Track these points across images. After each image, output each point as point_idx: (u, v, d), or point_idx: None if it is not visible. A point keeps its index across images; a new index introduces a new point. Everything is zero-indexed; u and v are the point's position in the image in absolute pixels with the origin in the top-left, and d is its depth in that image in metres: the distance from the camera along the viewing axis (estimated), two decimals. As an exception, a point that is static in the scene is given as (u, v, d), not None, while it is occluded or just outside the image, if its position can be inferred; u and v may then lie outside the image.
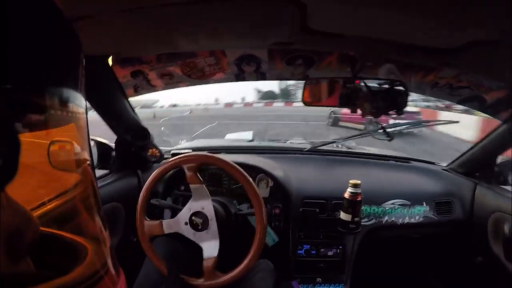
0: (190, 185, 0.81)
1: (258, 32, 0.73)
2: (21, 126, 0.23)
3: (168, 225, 0.82)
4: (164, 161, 0.86)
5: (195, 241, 0.80)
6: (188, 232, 0.81)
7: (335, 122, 8.73)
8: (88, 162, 0.31)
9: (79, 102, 0.29)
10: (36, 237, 0.26)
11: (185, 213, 0.81)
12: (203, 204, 0.81)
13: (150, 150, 1.20)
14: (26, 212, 0.25)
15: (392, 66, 0.99)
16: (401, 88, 0.92)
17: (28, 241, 0.25)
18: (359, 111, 0.92)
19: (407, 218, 1.13)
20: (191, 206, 0.81)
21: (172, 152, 1.27)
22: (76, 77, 0.29)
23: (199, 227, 0.80)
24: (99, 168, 1.11)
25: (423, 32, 0.64)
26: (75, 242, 0.30)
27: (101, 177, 1.06)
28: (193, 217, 0.81)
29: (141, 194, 0.84)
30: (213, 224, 0.80)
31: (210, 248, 0.79)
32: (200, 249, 0.80)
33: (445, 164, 1.39)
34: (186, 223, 0.81)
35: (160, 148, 1.25)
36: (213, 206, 0.82)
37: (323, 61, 0.99)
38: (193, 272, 0.80)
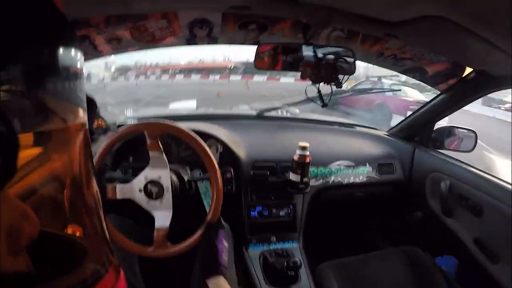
0: (150, 152, 0.80)
1: None
2: (21, 125, 0.23)
3: (122, 190, 0.81)
4: (125, 126, 0.85)
5: (147, 209, 0.81)
6: (141, 199, 0.80)
7: (331, 105, 8.37)
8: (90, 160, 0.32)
9: (80, 100, 0.29)
10: (35, 235, 0.25)
11: (140, 180, 0.81)
12: (160, 173, 0.81)
13: (96, 121, 1.16)
14: (26, 211, 0.25)
15: (341, 32, 1.03)
16: (349, 57, 0.98)
17: (27, 239, 0.25)
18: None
19: (352, 178, 1.27)
20: (148, 174, 0.81)
21: (117, 123, 1.25)
22: (76, 73, 0.29)
23: (153, 196, 0.80)
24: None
25: (375, 4, 0.70)
26: (74, 241, 0.30)
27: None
28: (148, 185, 0.80)
29: (94, 163, 0.84)
30: (168, 194, 0.81)
31: (162, 218, 0.80)
32: (151, 219, 0.81)
33: (387, 130, 1.52)
34: (140, 190, 0.80)
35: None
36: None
37: (276, 27, 1.02)
38: (142, 241, 0.82)
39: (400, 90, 6.48)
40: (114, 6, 0.83)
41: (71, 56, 0.29)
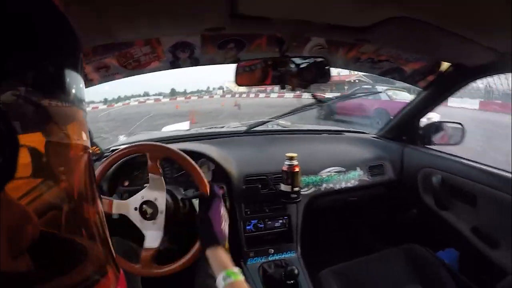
0: (150, 174, 0.83)
1: (192, 19, 0.79)
2: (21, 125, 0.23)
3: (118, 206, 0.84)
4: (123, 146, 0.87)
5: (139, 227, 0.84)
6: (135, 217, 0.83)
7: (327, 115, 8.06)
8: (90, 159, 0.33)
9: (79, 99, 0.30)
10: (36, 236, 0.26)
11: (136, 199, 0.84)
12: (156, 195, 0.83)
13: (90, 148, 1.19)
14: (26, 211, 0.25)
15: (321, 40, 1.08)
16: (322, 60, 1.03)
17: (27, 239, 0.25)
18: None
19: (343, 183, 1.31)
20: (145, 194, 0.83)
21: (111, 148, 1.28)
22: (75, 74, 0.30)
23: (147, 216, 0.83)
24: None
25: (339, 12, 0.74)
26: (75, 242, 0.30)
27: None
28: (144, 205, 0.83)
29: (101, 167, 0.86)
30: (161, 217, 0.83)
31: (153, 238, 0.82)
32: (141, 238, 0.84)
33: (374, 132, 1.56)
34: (135, 208, 0.83)
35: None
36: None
37: (253, 44, 1.08)
38: (132, 258, 0.85)
39: (380, 92, 6.77)
40: (100, 37, 0.88)
41: (76, 72, 0.29)
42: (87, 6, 0.61)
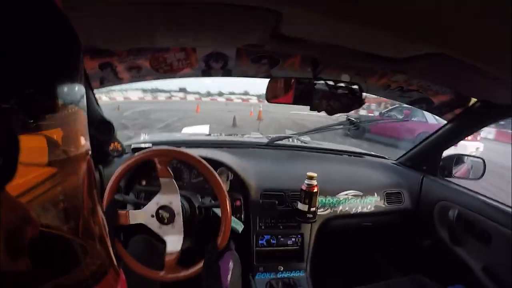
0: (160, 178, 0.85)
1: (235, 34, 0.81)
2: (21, 125, 0.24)
3: (134, 216, 0.86)
4: (136, 153, 0.90)
5: (159, 234, 0.85)
6: (153, 224, 0.85)
7: (358, 133, 7.43)
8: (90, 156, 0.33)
9: (80, 98, 0.30)
10: (36, 235, 0.26)
11: (152, 206, 0.85)
12: (171, 198, 0.85)
13: (112, 144, 1.22)
14: (26, 211, 0.25)
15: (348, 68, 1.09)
16: (356, 90, 1.04)
17: (27, 240, 0.25)
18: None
19: (359, 207, 1.31)
20: (159, 200, 0.85)
21: (132, 146, 1.30)
22: (76, 73, 0.30)
23: (165, 221, 0.84)
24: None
25: (377, 44, 0.76)
26: (75, 242, 0.30)
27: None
28: (160, 211, 0.85)
29: (108, 187, 0.88)
30: (179, 219, 0.85)
31: (174, 242, 0.84)
32: (163, 243, 0.85)
33: (395, 159, 1.55)
34: (152, 216, 0.85)
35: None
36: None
37: (287, 62, 1.09)
38: (154, 265, 0.86)
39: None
40: (141, 40, 0.90)
41: (75, 72, 0.29)
42: (133, 12, 0.63)
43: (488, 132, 10.53)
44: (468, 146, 5.81)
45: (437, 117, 1.38)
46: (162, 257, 0.85)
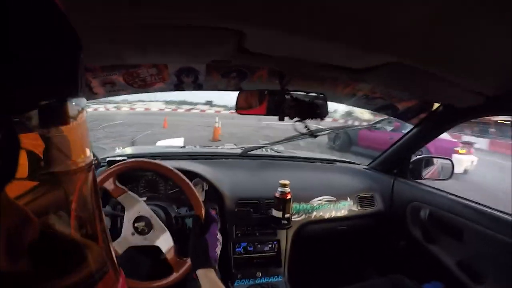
0: (118, 198, 0.87)
1: (201, 51, 0.85)
2: (21, 125, 0.24)
3: (119, 245, 0.86)
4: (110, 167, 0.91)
5: (149, 244, 0.87)
6: (138, 240, 0.86)
7: (344, 145, 7.28)
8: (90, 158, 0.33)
9: (80, 101, 0.30)
10: (36, 236, 0.26)
11: (127, 226, 0.87)
12: (137, 208, 0.87)
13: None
14: (26, 212, 0.25)
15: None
16: (321, 100, 1.09)
17: (27, 241, 0.25)
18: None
19: (333, 212, 1.35)
20: (129, 216, 0.87)
21: (108, 159, 1.31)
22: (76, 75, 0.30)
23: (146, 230, 0.86)
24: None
25: (337, 56, 0.80)
26: (75, 242, 0.31)
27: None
28: (135, 225, 0.86)
29: None
30: (155, 221, 0.87)
31: (165, 241, 0.86)
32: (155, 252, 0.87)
33: (366, 164, 1.61)
34: (133, 234, 0.86)
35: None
36: (152, 208, 0.90)
37: (255, 75, 1.14)
38: (159, 275, 0.87)
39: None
40: (111, 59, 0.93)
41: (76, 72, 0.30)
42: (101, 31, 0.66)
43: (482, 141, 10.12)
44: (463, 160, 5.74)
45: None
46: (163, 260, 0.86)
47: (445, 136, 5.13)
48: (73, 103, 0.29)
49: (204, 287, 0.71)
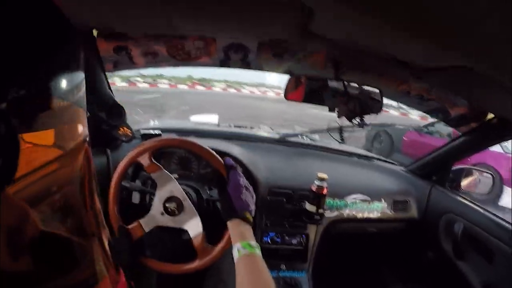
0: (152, 174, 0.83)
1: (261, 26, 0.79)
2: (21, 125, 0.24)
3: (147, 222, 0.83)
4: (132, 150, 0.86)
5: (177, 226, 0.84)
6: (167, 221, 0.83)
7: (384, 150, 5.64)
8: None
9: (79, 98, 0.31)
10: (36, 235, 0.26)
11: (157, 205, 0.83)
12: (170, 188, 0.84)
13: (122, 129, 1.19)
14: (26, 211, 0.26)
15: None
16: (376, 96, 1.03)
17: (28, 239, 0.26)
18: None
19: (366, 212, 1.32)
20: (160, 195, 0.84)
21: (142, 132, 1.28)
22: (74, 68, 0.30)
23: (176, 212, 0.83)
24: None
25: (409, 51, 0.75)
26: (75, 242, 0.31)
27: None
28: (166, 205, 0.83)
29: (116, 172, 0.85)
30: (187, 204, 0.84)
31: (194, 226, 0.83)
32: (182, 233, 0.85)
33: (405, 166, 1.56)
34: (162, 213, 0.83)
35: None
36: (184, 189, 0.86)
37: (309, 59, 1.07)
38: (181, 258, 0.85)
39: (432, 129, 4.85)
40: (160, 27, 0.88)
41: (72, 71, 0.30)
42: None
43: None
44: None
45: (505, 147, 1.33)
46: (188, 244, 0.84)
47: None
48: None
49: (232, 237, 0.69)
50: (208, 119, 1.89)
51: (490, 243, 1.10)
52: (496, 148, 4.17)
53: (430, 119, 4.80)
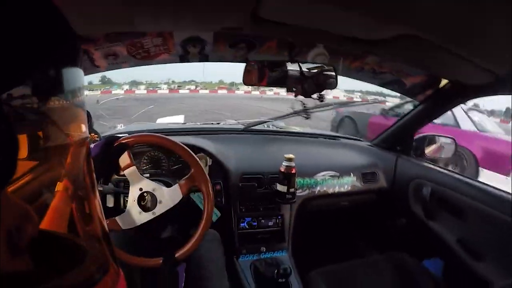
0: (125, 171, 0.86)
1: (214, 16, 0.82)
2: (20, 125, 0.24)
3: (123, 220, 0.84)
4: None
5: (158, 214, 0.85)
6: (147, 217, 0.85)
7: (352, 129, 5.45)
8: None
9: (80, 98, 0.31)
10: (36, 235, 0.26)
11: (132, 204, 0.85)
12: (140, 185, 0.86)
13: (90, 135, 1.21)
14: (26, 210, 0.26)
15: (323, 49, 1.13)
16: (331, 72, 1.08)
17: (27, 239, 0.26)
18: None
19: (337, 187, 1.37)
20: (133, 194, 0.85)
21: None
22: (75, 69, 0.31)
23: (152, 207, 0.85)
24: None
25: (355, 25, 0.79)
26: (75, 241, 0.31)
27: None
28: (142, 203, 0.85)
29: None
30: (159, 193, 0.86)
31: (171, 200, 0.86)
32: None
33: (370, 141, 1.63)
34: (140, 213, 0.85)
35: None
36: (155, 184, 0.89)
37: (264, 45, 1.12)
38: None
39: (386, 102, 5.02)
40: (120, 25, 0.90)
41: (75, 70, 0.30)
42: None
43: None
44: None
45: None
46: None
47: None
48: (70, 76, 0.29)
49: None
50: (175, 120, 1.91)
51: (459, 201, 1.16)
52: (470, 126, 4.04)
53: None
